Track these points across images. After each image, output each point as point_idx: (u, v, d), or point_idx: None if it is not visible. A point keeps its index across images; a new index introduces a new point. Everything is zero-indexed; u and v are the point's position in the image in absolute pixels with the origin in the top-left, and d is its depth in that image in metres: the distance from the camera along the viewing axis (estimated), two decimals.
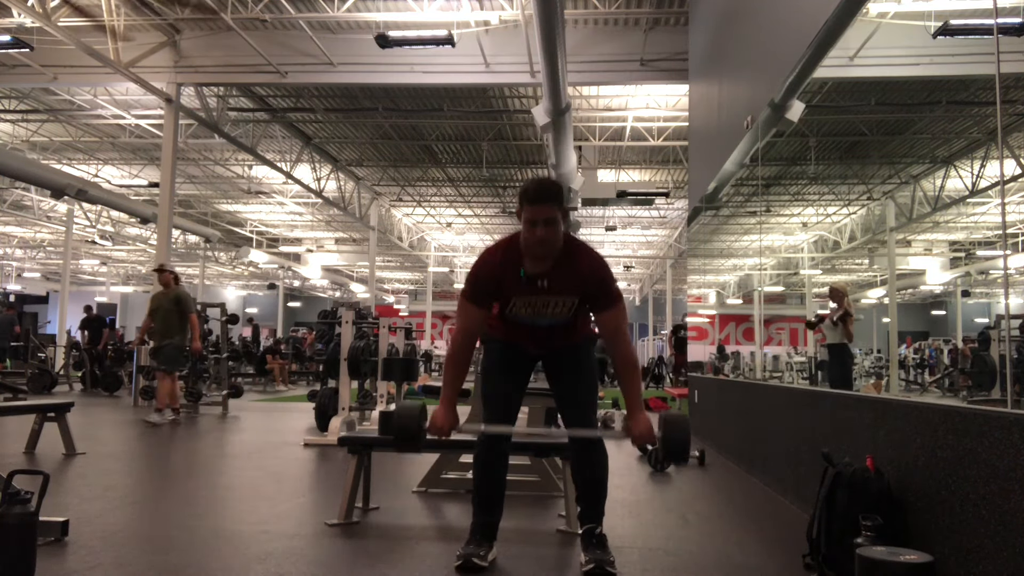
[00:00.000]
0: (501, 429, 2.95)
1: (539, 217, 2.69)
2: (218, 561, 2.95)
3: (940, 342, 16.21)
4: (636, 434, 2.81)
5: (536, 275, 2.80)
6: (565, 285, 2.82)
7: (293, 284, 36.89)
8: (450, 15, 9.55)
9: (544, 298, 2.84)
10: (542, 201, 2.70)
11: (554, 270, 2.80)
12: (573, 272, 2.81)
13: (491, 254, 2.90)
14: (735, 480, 5.28)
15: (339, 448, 5.53)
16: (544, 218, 2.69)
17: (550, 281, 2.81)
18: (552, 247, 2.75)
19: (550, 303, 2.86)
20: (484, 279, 2.87)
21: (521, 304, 2.87)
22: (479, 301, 2.87)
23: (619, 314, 2.87)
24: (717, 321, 22.57)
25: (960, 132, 7.05)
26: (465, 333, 2.91)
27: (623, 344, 2.88)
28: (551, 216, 2.70)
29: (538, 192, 2.72)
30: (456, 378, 2.92)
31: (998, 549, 2.19)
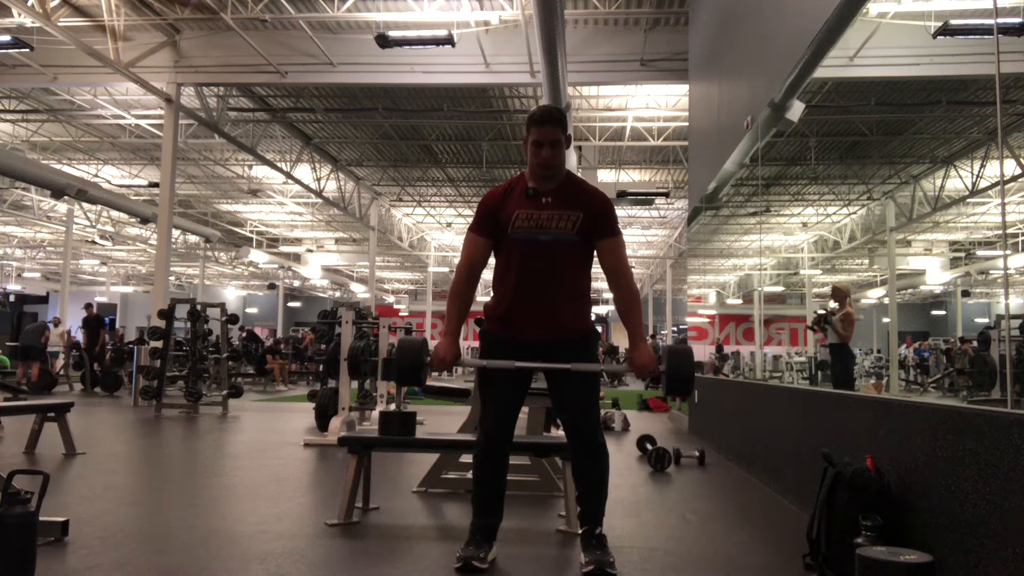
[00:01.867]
0: (504, 364, 2.90)
1: (545, 139, 2.83)
2: (218, 561, 2.95)
3: (939, 343, 16.22)
4: (638, 364, 2.86)
5: (541, 192, 2.90)
6: (569, 201, 2.90)
7: (293, 284, 36.89)
8: (450, 15, 9.55)
9: (548, 212, 2.89)
10: (548, 123, 2.85)
11: (558, 189, 2.91)
12: (577, 192, 2.93)
13: (497, 186, 3.05)
14: (735, 480, 5.28)
15: (339, 448, 5.54)
16: (550, 140, 2.83)
17: (554, 197, 2.90)
18: (557, 169, 2.89)
19: (554, 216, 2.89)
20: (489, 203, 2.96)
21: (524, 216, 2.88)
22: (484, 228, 2.94)
23: (619, 245, 2.95)
24: (717, 321, 22.58)
25: (960, 132, 7.05)
26: (468, 264, 2.96)
27: (624, 275, 2.94)
28: (556, 138, 2.84)
29: (543, 115, 2.87)
30: (459, 311, 2.97)
31: (998, 549, 2.19)
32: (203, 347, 10.63)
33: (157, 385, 9.67)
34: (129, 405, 10.78)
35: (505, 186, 2.99)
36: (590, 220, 2.88)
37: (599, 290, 39.94)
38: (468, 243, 2.98)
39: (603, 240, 2.92)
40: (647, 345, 2.88)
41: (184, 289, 36.94)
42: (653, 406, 11.59)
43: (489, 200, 2.97)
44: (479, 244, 2.94)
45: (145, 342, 11.11)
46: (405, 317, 34.12)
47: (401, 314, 35.10)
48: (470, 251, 2.96)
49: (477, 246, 2.95)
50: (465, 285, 2.97)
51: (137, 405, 10.48)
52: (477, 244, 2.95)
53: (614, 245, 2.93)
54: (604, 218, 2.92)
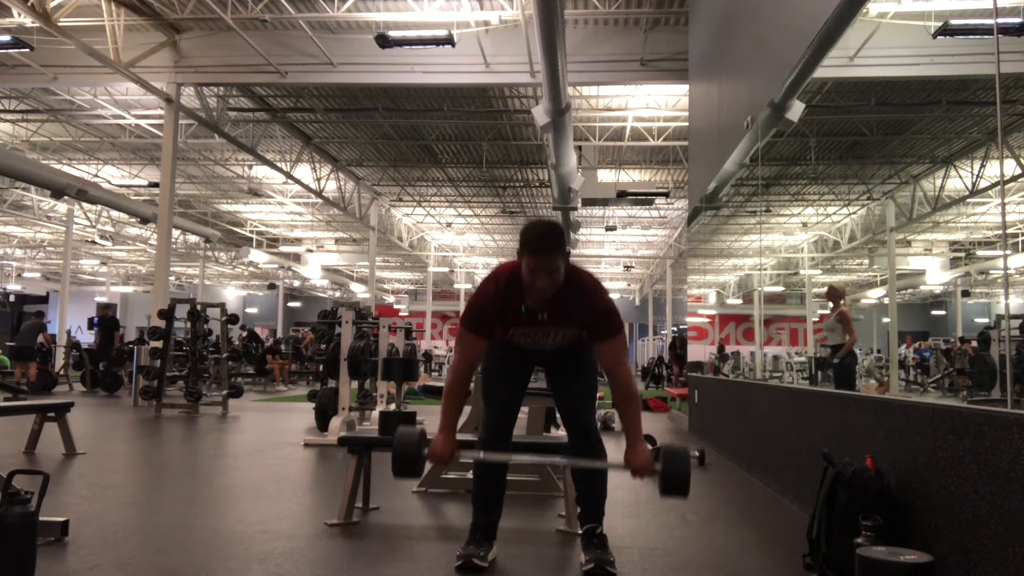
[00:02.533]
0: (499, 457, 2.94)
1: (541, 267, 2.67)
2: (218, 561, 2.95)
3: (939, 343, 16.20)
4: (635, 466, 2.77)
5: (536, 309, 2.81)
6: (565, 318, 2.83)
7: (293, 284, 36.89)
8: (450, 15, 9.54)
9: (544, 329, 2.86)
10: (544, 253, 2.67)
11: (554, 304, 2.79)
12: (574, 306, 2.81)
13: (491, 286, 2.87)
14: (735, 480, 5.28)
15: (339, 448, 5.54)
16: (547, 269, 2.68)
17: (550, 314, 2.82)
18: (553, 291, 2.74)
19: (550, 333, 2.88)
20: (484, 310, 2.86)
21: (521, 334, 2.89)
22: (479, 331, 2.87)
23: (619, 345, 2.86)
24: (717, 321, 22.57)
25: (960, 132, 7.04)
26: (466, 363, 2.90)
27: (623, 375, 2.86)
28: (553, 267, 2.68)
29: (540, 244, 2.67)
30: (456, 407, 2.90)
31: (998, 549, 2.19)
32: (203, 347, 10.63)
33: (157, 385, 9.67)
34: (129, 405, 10.78)
35: (502, 288, 2.82)
36: (588, 329, 2.86)
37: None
38: (464, 342, 2.88)
39: (601, 343, 2.87)
40: (644, 447, 2.80)
41: (184, 289, 36.94)
42: (653, 406, 11.59)
43: (485, 304, 2.85)
44: (476, 344, 2.88)
45: (145, 342, 11.11)
46: (405, 317, 34.11)
47: (401, 314, 35.09)
48: (467, 352, 2.88)
49: (474, 346, 2.88)
50: (462, 383, 2.92)
51: (137, 405, 10.48)
52: (474, 344, 2.88)
53: (611, 347, 2.85)
54: (602, 326, 2.84)
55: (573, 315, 2.82)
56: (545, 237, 2.68)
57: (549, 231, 2.71)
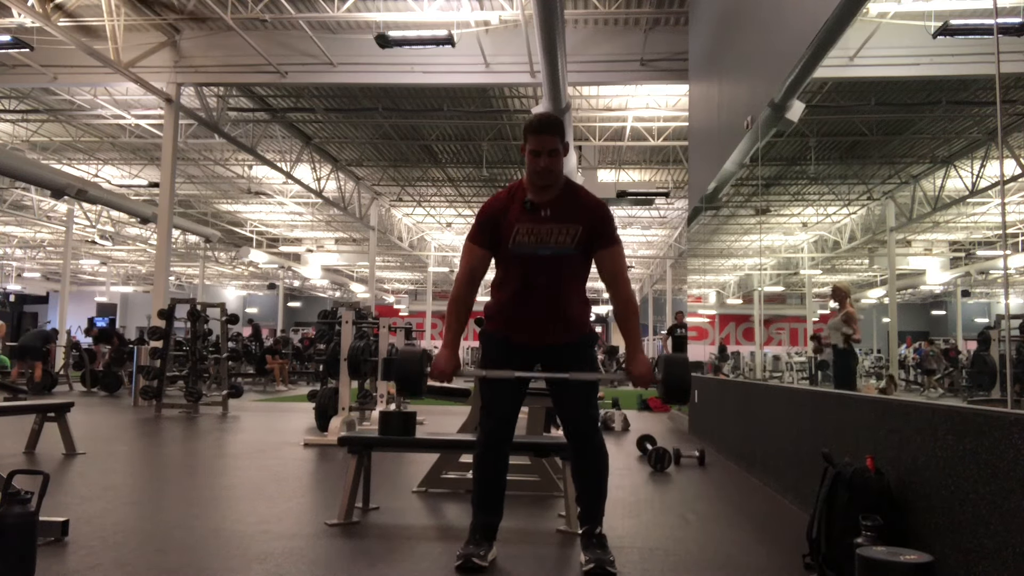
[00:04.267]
0: (503, 373, 2.92)
1: (543, 147, 2.80)
2: (218, 561, 2.95)
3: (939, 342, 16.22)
4: (636, 375, 2.85)
5: (539, 204, 2.88)
6: (567, 214, 2.88)
7: (293, 284, 36.90)
8: (450, 15, 9.55)
9: (547, 225, 2.87)
10: (545, 131, 2.82)
11: (557, 200, 2.88)
12: (575, 203, 2.90)
13: (496, 194, 3.00)
14: (735, 480, 5.28)
15: (339, 448, 5.54)
16: (548, 148, 2.80)
17: (553, 210, 2.87)
18: (555, 177, 2.86)
19: (553, 230, 2.87)
20: (489, 213, 2.93)
21: (524, 231, 2.87)
22: (483, 239, 2.93)
23: (619, 254, 2.94)
24: (717, 321, 22.57)
25: (960, 132, 7.05)
26: (468, 275, 2.95)
27: (623, 285, 2.93)
28: (554, 147, 2.82)
29: (541, 123, 2.84)
30: (459, 322, 2.96)
31: (998, 549, 2.19)
32: (203, 347, 10.63)
33: (157, 385, 9.67)
34: (129, 405, 10.78)
35: (504, 195, 2.95)
36: (589, 231, 2.88)
37: (598, 290, 40.03)
38: (467, 253, 2.96)
39: (602, 250, 2.91)
40: (644, 355, 2.88)
41: (184, 289, 36.95)
42: (653, 406, 11.59)
43: (488, 210, 2.94)
44: (479, 255, 2.94)
45: (145, 342, 11.12)
46: (405, 317, 34.11)
47: (401, 314, 35.10)
48: (470, 262, 2.95)
49: (477, 257, 2.94)
50: (465, 296, 2.95)
51: (137, 405, 10.48)
52: (477, 255, 2.94)
53: (612, 254, 2.91)
54: (603, 228, 2.90)
55: (574, 211, 2.88)
56: (545, 118, 2.88)
57: (549, 115, 2.93)
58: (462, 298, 2.95)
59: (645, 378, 2.84)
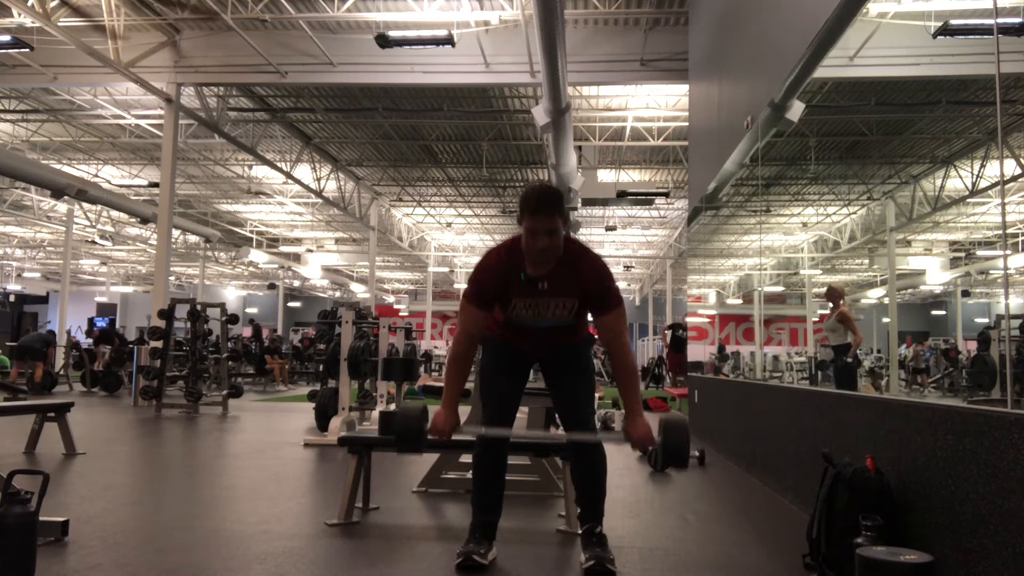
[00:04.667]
0: (501, 432, 2.95)
1: (540, 227, 2.70)
2: (218, 561, 2.95)
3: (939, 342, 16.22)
4: (636, 438, 2.80)
5: (537, 278, 2.82)
6: (565, 287, 2.83)
7: (293, 284, 36.89)
8: (450, 15, 9.54)
9: (545, 300, 2.86)
10: (543, 212, 2.70)
11: (554, 273, 2.81)
12: (574, 274, 2.82)
13: (493, 257, 2.90)
14: (735, 480, 5.28)
15: (339, 448, 5.54)
16: (546, 228, 2.70)
17: (550, 283, 2.82)
18: (553, 254, 2.77)
19: (551, 304, 2.87)
20: (486, 281, 2.88)
21: (522, 305, 2.88)
22: (481, 303, 2.89)
23: (619, 318, 2.88)
24: (717, 321, 22.57)
25: (960, 132, 7.05)
26: (467, 335, 2.92)
27: (622, 349, 2.89)
28: (552, 227, 2.71)
29: (539, 202, 2.71)
30: (458, 380, 2.93)
31: (998, 549, 2.19)
32: (203, 347, 10.63)
33: (157, 385, 9.67)
34: (129, 405, 10.78)
35: (503, 261, 2.86)
36: (588, 300, 2.87)
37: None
38: (466, 314, 2.91)
39: (601, 316, 2.88)
40: (644, 419, 2.83)
41: (184, 289, 36.94)
42: (653, 406, 11.59)
43: (487, 277, 2.88)
44: (478, 317, 2.90)
45: (145, 342, 11.11)
46: (405, 317, 34.11)
47: (401, 314, 35.09)
48: (469, 324, 2.90)
49: (476, 320, 2.90)
50: (465, 355, 2.93)
51: (137, 405, 10.48)
52: (477, 318, 2.90)
53: (611, 320, 2.86)
54: (602, 296, 2.86)
55: (572, 284, 2.83)
56: (543, 197, 2.73)
57: (547, 191, 2.77)
58: (461, 358, 2.93)
59: (644, 440, 2.80)
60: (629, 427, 2.83)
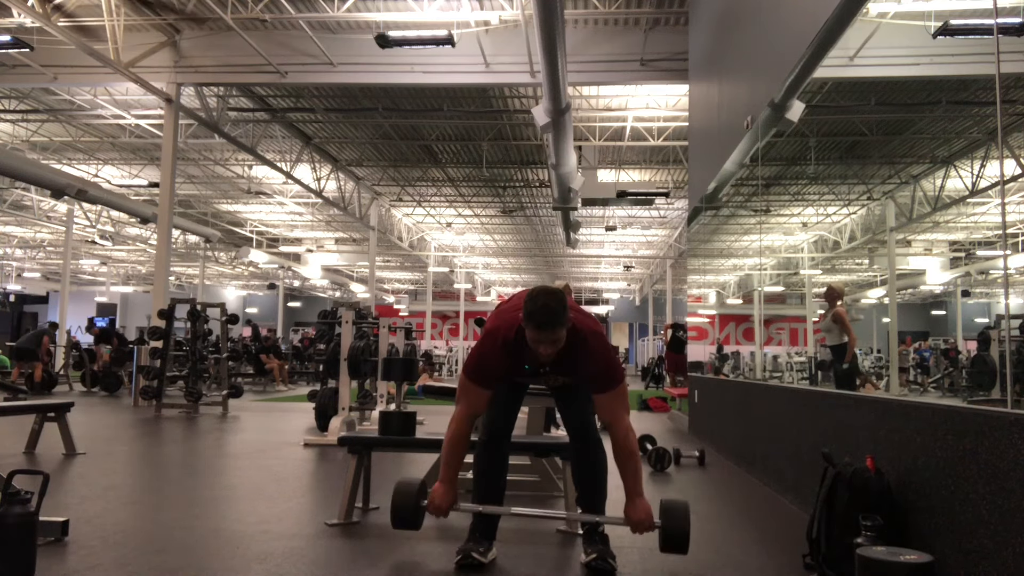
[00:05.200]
0: (498, 510, 2.96)
1: (545, 339, 2.70)
2: (218, 561, 2.95)
3: (940, 342, 16.19)
4: (635, 520, 2.77)
5: (539, 365, 2.86)
6: (567, 370, 2.87)
7: (293, 284, 36.89)
8: (450, 15, 9.54)
9: (546, 378, 2.96)
10: (548, 328, 2.68)
11: (557, 360, 2.81)
12: (576, 361, 2.83)
13: (496, 341, 2.86)
14: (735, 480, 5.28)
15: (339, 448, 5.55)
16: (550, 340, 2.70)
17: (552, 367, 2.86)
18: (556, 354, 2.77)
19: (550, 379, 2.97)
20: (488, 366, 2.87)
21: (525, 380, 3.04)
22: (483, 383, 2.88)
23: (618, 398, 2.85)
24: (717, 321, 22.56)
25: (960, 132, 7.04)
26: (469, 414, 2.89)
27: (621, 428, 2.83)
28: (557, 337, 2.70)
29: (543, 319, 2.67)
30: (457, 458, 2.91)
31: (998, 549, 2.19)
32: (203, 347, 10.63)
33: (157, 385, 9.67)
34: (129, 405, 10.78)
35: (505, 347, 2.83)
36: (587, 381, 2.89)
37: (599, 289, 39.98)
38: (468, 392, 2.88)
39: (601, 394, 2.86)
40: (644, 501, 2.80)
41: (184, 289, 36.94)
42: (653, 406, 11.60)
43: (489, 359, 2.87)
44: (481, 397, 2.90)
45: (145, 342, 11.11)
46: (405, 317, 34.11)
47: (401, 314, 35.09)
48: (472, 402, 2.88)
49: (479, 398, 2.89)
50: (464, 434, 2.90)
51: (137, 405, 10.48)
52: (480, 397, 2.89)
53: (611, 400, 2.84)
54: (602, 379, 2.85)
55: (574, 368, 2.85)
56: (548, 311, 2.67)
57: (552, 304, 2.69)
58: (461, 437, 2.89)
59: (643, 524, 2.77)
60: (628, 509, 2.79)
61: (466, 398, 2.87)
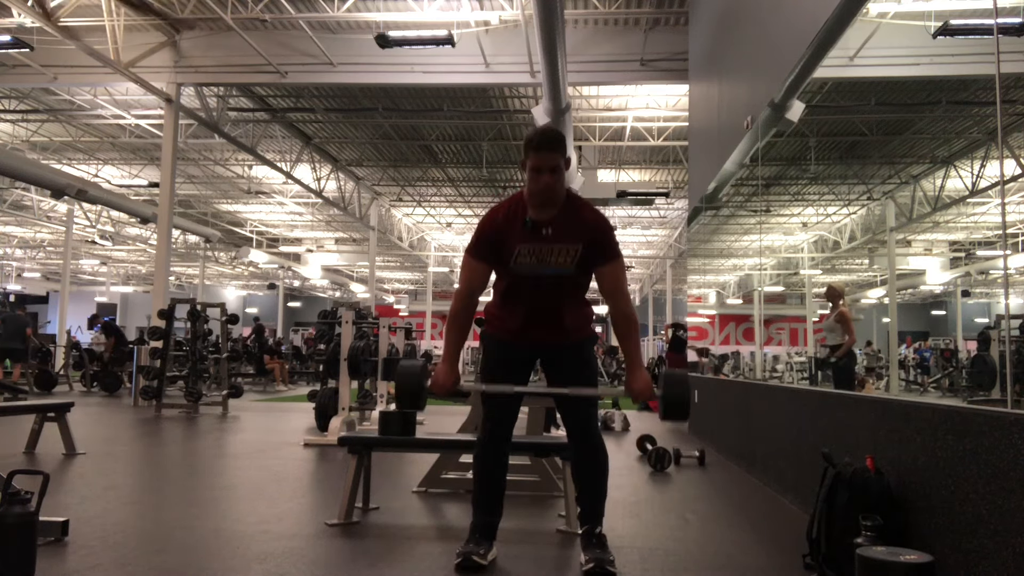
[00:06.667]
0: (502, 388, 2.94)
1: (544, 165, 2.76)
2: (218, 561, 2.95)
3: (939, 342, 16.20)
4: (636, 390, 2.85)
5: (540, 223, 2.84)
6: (568, 233, 2.85)
7: (293, 284, 36.89)
8: (450, 15, 9.55)
9: (548, 245, 2.85)
10: (547, 149, 2.77)
11: (558, 218, 2.84)
12: (576, 220, 2.86)
13: (496, 208, 2.95)
14: (735, 480, 5.28)
15: (339, 448, 5.54)
16: (549, 166, 2.76)
17: (554, 229, 2.84)
18: (556, 194, 2.81)
19: (554, 250, 2.86)
20: (489, 230, 2.90)
21: (526, 252, 2.86)
22: (483, 255, 2.90)
23: (619, 269, 2.91)
24: (717, 321, 22.57)
25: (960, 132, 7.04)
26: (468, 290, 2.93)
27: (623, 300, 2.91)
28: (556, 164, 2.77)
29: (543, 140, 2.78)
30: (458, 335, 2.95)
31: (998, 549, 2.19)
32: (203, 347, 10.63)
33: (157, 385, 9.67)
34: (129, 405, 10.78)
35: (505, 210, 2.89)
36: (589, 248, 2.86)
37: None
38: (467, 268, 2.92)
39: (601, 267, 2.89)
40: (643, 370, 2.86)
41: (184, 289, 36.94)
42: (653, 406, 11.59)
43: (489, 226, 2.90)
44: (479, 270, 2.91)
45: (145, 342, 11.11)
46: (405, 317, 34.10)
47: (401, 314, 35.08)
48: (470, 277, 2.91)
49: (477, 272, 2.91)
50: (465, 311, 2.93)
51: (137, 405, 10.48)
52: (477, 270, 2.91)
53: (612, 270, 2.89)
54: (603, 245, 2.87)
55: (574, 230, 2.85)
56: (547, 135, 2.81)
57: (551, 131, 2.85)
58: (461, 312, 2.93)
59: (644, 393, 2.84)
60: (629, 379, 2.88)
61: (466, 274, 2.93)
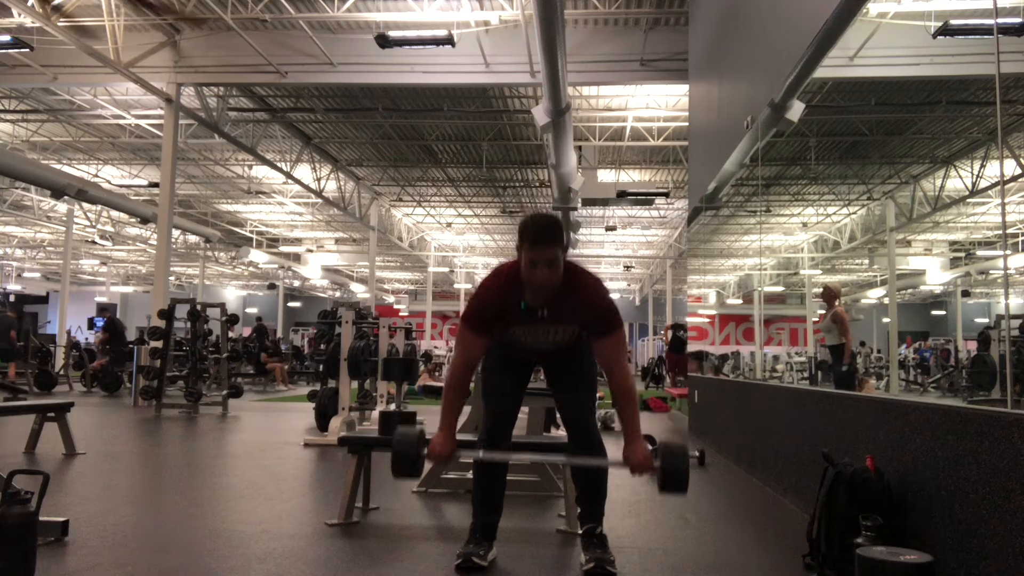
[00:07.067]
0: (499, 456, 2.95)
1: (541, 258, 2.67)
2: (218, 561, 2.95)
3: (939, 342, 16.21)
4: (634, 463, 2.76)
5: (536, 306, 2.80)
6: (565, 315, 2.82)
7: (293, 284, 36.89)
8: (450, 15, 9.54)
9: (544, 327, 2.85)
10: (544, 243, 2.67)
11: (554, 301, 2.78)
12: (573, 303, 2.80)
13: (492, 284, 2.88)
14: (735, 480, 5.28)
15: (339, 448, 5.55)
16: (546, 259, 2.67)
17: (550, 312, 2.81)
18: (553, 285, 2.73)
19: (550, 331, 2.87)
20: (485, 308, 2.85)
21: (521, 332, 2.88)
22: (480, 329, 2.86)
23: (618, 341, 2.85)
24: (717, 321, 22.58)
25: (960, 132, 7.04)
26: (465, 361, 2.89)
27: (621, 372, 2.84)
28: (553, 256, 2.68)
29: (539, 234, 2.68)
30: (455, 405, 2.90)
31: (998, 549, 2.19)
32: (203, 347, 10.63)
33: (157, 385, 9.67)
34: (129, 405, 10.78)
35: (500, 287, 2.83)
36: (588, 326, 2.85)
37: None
38: (465, 341, 2.87)
39: (600, 339, 2.86)
40: (642, 443, 2.79)
41: (184, 289, 36.94)
42: (653, 406, 11.60)
43: (486, 304, 2.85)
44: (477, 344, 2.87)
45: (145, 342, 11.11)
46: (405, 317, 34.11)
47: (401, 314, 35.09)
48: (468, 350, 2.87)
49: (475, 346, 2.88)
50: (462, 382, 2.91)
51: (137, 405, 10.47)
52: (475, 344, 2.87)
53: (611, 342, 2.84)
54: (601, 323, 2.83)
55: (572, 312, 2.81)
56: (543, 227, 2.70)
57: (547, 222, 2.74)
58: (459, 384, 2.90)
59: (643, 465, 2.75)
60: (627, 452, 2.79)
61: (462, 345, 2.88)
